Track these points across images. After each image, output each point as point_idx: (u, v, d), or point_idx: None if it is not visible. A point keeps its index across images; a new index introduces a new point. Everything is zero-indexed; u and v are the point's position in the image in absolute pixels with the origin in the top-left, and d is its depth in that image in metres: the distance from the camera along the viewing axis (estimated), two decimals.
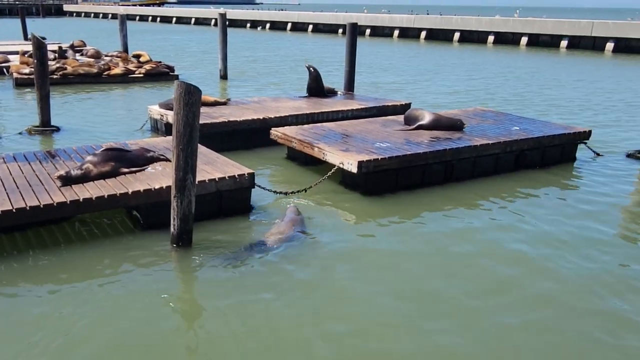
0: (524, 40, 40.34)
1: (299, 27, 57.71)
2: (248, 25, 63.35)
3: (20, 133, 12.26)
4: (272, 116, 11.73)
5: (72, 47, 25.75)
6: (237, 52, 31.71)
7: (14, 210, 6.32)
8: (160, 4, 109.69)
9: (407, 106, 13.41)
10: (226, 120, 11.24)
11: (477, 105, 15.24)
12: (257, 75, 23.45)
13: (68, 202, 6.58)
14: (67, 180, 7.06)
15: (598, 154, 11.21)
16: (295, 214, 7.51)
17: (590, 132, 10.96)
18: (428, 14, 57.25)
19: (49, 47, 15.96)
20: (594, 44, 37.16)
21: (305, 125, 11.06)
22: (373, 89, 19.23)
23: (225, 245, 6.78)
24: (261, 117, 11.61)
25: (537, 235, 7.35)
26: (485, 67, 27.29)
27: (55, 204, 6.52)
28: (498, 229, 7.54)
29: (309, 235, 7.14)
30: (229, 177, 7.54)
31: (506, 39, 41.70)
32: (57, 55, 22.10)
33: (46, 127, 12.61)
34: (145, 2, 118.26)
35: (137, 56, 23.33)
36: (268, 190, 8.27)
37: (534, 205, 8.45)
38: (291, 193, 8.45)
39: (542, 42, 39.67)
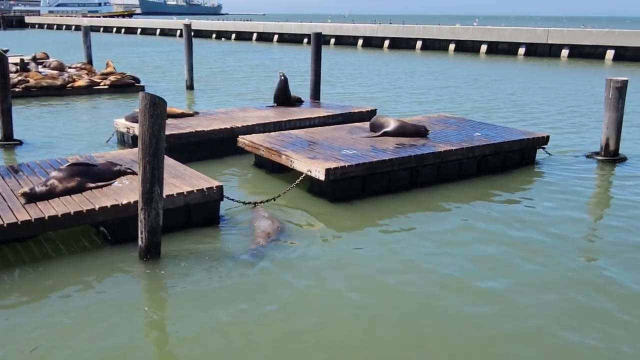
0: (484, 47, 41.16)
1: (264, 37, 57.77)
2: (214, 35, 63.11)
3: None
4: (240, 125, 11.79)
5: (34, 59, 25.33)
6: (203, 63, 31.61)
7: None
8: (129, 16, 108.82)
9: (373, 113, 13.61)
10: (193, 131, 11.24)
11: (441, 111, 15.53)
12: (224, 85, 23.43)
13: (33, 221, 6.49)
14: (32, 198, 6.95)
15: (550, 154, 11.57)
16: (270, 222, 7.57)
17: (548, 137, 11.30)
18: (391, 23, 57.94)
19: (11, 60, 15.72)
20: (550, 51, 38.19)
21: (273, 133, 11.15)
22: (339, 97, 19.41)
23: (194, 257, 6.79)
24: (229, 127, 11.65)
25: (498, 237, 7.56)
26: (447, 75, 27.79)
27: (19, 223, 6.42)
28: (462, 232, 7.72)
29: (281, 244, 7.22)
30: (197, 190, 7.54)
31: (467, 47, 42.49)
32: (19, 68, 21.72)
33: (8, 141, 12.41)
34: (115, 13, 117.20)
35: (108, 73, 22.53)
36: (237, 201, 8.30)
37: (496, 209, 8.68)
38: (260, 203, 8.51)
39: (501, 49, 40.55)
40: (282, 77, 14.42)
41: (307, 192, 9.13)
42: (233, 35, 60.96)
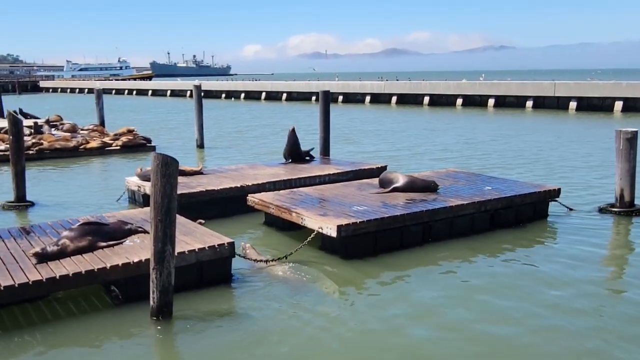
0: (491, 101, 41.67)
1: (273, 96, 58.87)
2: (223, 95, 64.43)
3: None
4: (250, 183, 11.83)
5: (47, 122, 25.84)
6: (213, 122, 32.09)
7: None
8: (149, 78, 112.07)
9: (383, 169, 13.63)
10: (204, 190, 11.28)
11: (449, 166, 15.56)
12: (234, 143, 23.70)
13: (44, 280, 6.46)
14: (43, 258, 6.94)
15: (571, 209, 11.46)
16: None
17: (559, 189, 11.22)
18: (397, 80, 58.94)
19: (25, 123, 16.02)
20: (557, 103, 38.54)
21: (282, 191, 11.16)
22: (349, 154, 19.54)
23: (207, 317, 6.69)
24: (239, 185, 11.69)
25: (515, 293, 7.39)
26: (456, 130, 27.99)
27: (30, 283, 6.39)
28: (477, 288, 7.57)
29: (295, 303, 7.11)
30: (208, 247, 7.51)
31: (474, 101, 43.03)
32: (32, 130, 22.15)
33: (21, 202, 12.50)
34: (136, 76, 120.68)
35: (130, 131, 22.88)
36: (249, 259, 8.24)
37: (511, 265, 8.53)
38: (272, 261, 8.43)
39: (509, 103, 41.04)
40: (292, 132, 14.54)
41: (319, 249, 9.05)
42: (242, 95, 62.21)
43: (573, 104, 37.46)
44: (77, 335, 6.26)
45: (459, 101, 43.60)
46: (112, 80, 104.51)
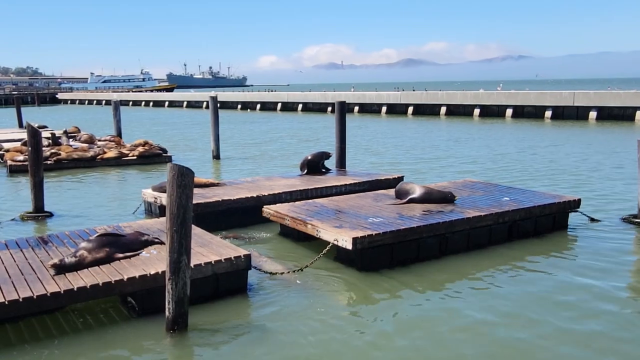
0: (509, 112, 41.36)
1: (288, 106, 59.02)
2: (239, 106, 64.75)
3: (13, 219, 12.24)
4: (266, 194, 11.82)
5: (65, 133, 26.13)
6: (229, 133, 32.23)
7: (6, 303, 6.19)
8: (171, 89, 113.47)
9: (400, 180, 13.54)
10: (220, 200, 11.29)
11: (466, 176, 15.43)
12: (250, 154, 23.76)
13: (62, 292, 6.47)
14: (61, 269, 6.97)
15: (592, 219, 11.28)
16: None
17: (579, 200, 11.05)
18: (414, 90, 58.84)
19: (43, 134, 16.19)
20: (577, 113, 38.12)
21: (297, 202, 11.13)
22: (365, 164, 19.48)
23: (222, 329, 6.66)
24: (255, 196, 11.69)
25: (535, 308, 7.26)
26: (473, 140, 27.81)
27: (48, 295, 6.41)
28: (495, 301, 7.45)
29: (310, 315, 7.05)
30: (224, 259, 7.49)
31: (491, 112, 42.75)
32: (50, 142, 22.39)
33: (39, 212, 12.61)
34: (159, 87, 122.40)
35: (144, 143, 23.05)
36: (264, 271, 8.19)
37: (531, 277, 8.39)
38: (287, 273, 8.39)
39: (527, 113, 40.68)
40: (322, 153, 14.90)
41: (334, 260, 8.99)
42: (258, 106, 62.47)
43: (593, 114, 37.04)
44: (93, 347, 6.25)
45: (476, 111, 43.34)
46: (135, 91, 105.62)
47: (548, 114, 39.18)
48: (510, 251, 9.56)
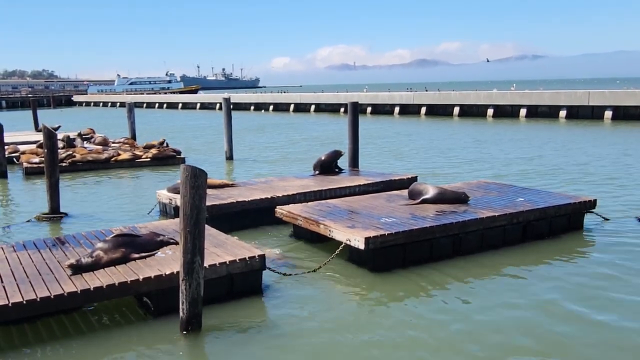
0: (523, 111, 41.08)
1: (301, 107, 59.10)
2: (252, 108, 64.96)
3: (29, 221, 12.39)
4: (280, 195, 11.86)
5: (80, 135, 26.39)
6: (242, 135, 32.35)
7: (24, 302, 6.28)
8: (196, 91, 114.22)
9: (413, 180, 13.51)
10: (234, 201, 11.35)
11: (480, 177, 15.37)
12: (263, 155, 23.84)
13: (79, 292, 6.55)
14: (78, 269, 7.05)
15: (606, 219, 11.20)
16: None
17: (595, 201, 10.96)
18: (427, 90, 58.67)
19: (57, 136, 16.36)
20: (592, 113, 37.76)
21: (310, 203, 11.16)
22: (378, 164, 19.47)
23: (236, 330, 6.70)
24: (269, 197, 11.73)
25: (550, 308, 7.23)
26: (487, 140, 27.68)
27: (65, 294, 6.49)
28: (510, 302, 7.43)
29: (324, 316, 7.08)
30: (239, 259, 7.53)
31: (505, 112, 42.48)
32: (65, 143, 22.63)
33: (55, 214, 12.75)
34: (184, 89, 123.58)
35: (161, 143, 23.35)
36: (278, 272, 8.23)
37: (546, 279, 8.33)
38: (301, 274, 8.42)
39: (541, 113, 40.37)
40: (335, 151, 14.90)
41: (347, 261, 9.01)
42: (271, 107, 62.62)
43: (608, 113, 36.65)
44: (109, 347, 6.32)
45: (490, 112, 43.09)
46: (162, 93, 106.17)
47: (562, 113, 38.85)
48: (524, 252, 9.52)
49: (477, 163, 20.23)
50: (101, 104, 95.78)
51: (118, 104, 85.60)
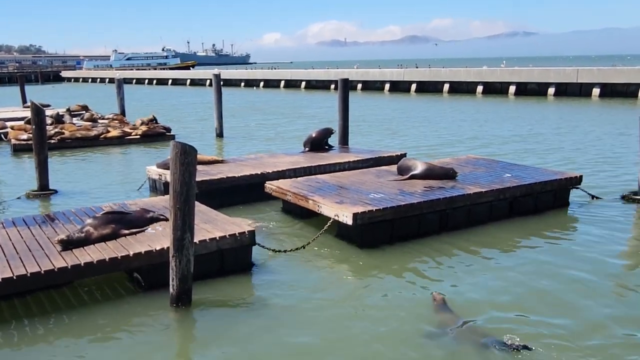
0: (512, 89, 41.14)
1: (292, 84, 58.84)
2: (242, 84, 64.58)
3: (18, 198, 12.37)
4: (270, 171, 11.91)
5: (69, 111, 26.20)
6: (232, 111, 32.22)
7: (14, 278, 6.34)
8: (193, 67, 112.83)
9: (402, 157, 13.57)
10: (224, 177, 11.39)
11: (469, 153, 15.47)
12: (253, 132, 23.81)
13: (69, 267, 6.61)
14: (68, 244, 7.10)
15: (593, 197, 11.36)
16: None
17: (581, 177, 11.11)
18: (417, 67, 58.52)
19: (47, 113, 16.26)
20: (580, 90, 37.91)
21: (300, 178, 11.22)
22: (367, 141, 19.51)
23: (225, 304, 6.80)
24: (259, 173, 11.78)
25: (532, 282, 7.38)
26: (476, 117, 27.77)
27: (56, 270, 6.55)
28: (495, 277, 7.57)
29: (311, 291, 7.19)
30: (229, 235, 7.60)
31: (495, 89, 42.52)
32: (54, 120, 22.46)
33: (44, 190, 12.74)
34: (181, 65, 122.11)
35: (151, 120, 23.12)
36: (267, 248, 8.31)
37: (530, 253, 8.50)
38: (290, 251, 8.50)
39: (530, 90, 40.46)
40: (326, 129, 14.92)
41: (335, 237, 9.10)
42: (261, 84, 62.29)
43: (596, 91, 36.81)
44: (100, 321, 6.40)
45: (479, 88, 43.11)
46: (160, 69, 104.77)
47: (551, 90, 38.96)
48: (510, 227, 9.66)
49: (466, 139, 20.33)
50: (90, 79, 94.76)
51: (107, 79, 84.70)
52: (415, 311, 6.60)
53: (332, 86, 51.96)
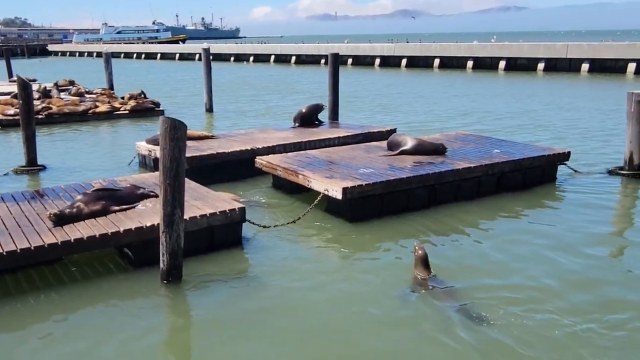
0: (502, 64, 41.09)
1: (282, 59, 58.42)
2: (232, 59, 64.02)
3: (6, 174, 12.30)
4: (260, 146, 11.90)
5: (56, 86, 25.91)
6: (222, 86, 32.01)
7: (4, 254, 6.34)
8: (183, 41, 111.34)
9: (393, 132, 13.61)
10: (214, 153, 11.38)
11: (459, 129, 15.52)
12: (243, 107, 23.69)
13: (59, 243, 6.62)
14: (60, 219, 7.08)
15: (576, 171, 11.47)
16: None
17: (569, 153, 11.20)
18: (408, 42, 58.22)
19: (33, 87, 16.08)
20: (569, 66, 37.94)
21: (290, 153, 11.23)
22: (357, 117, 19.50)
23: (216, 280, 6.84)
24: (249, 148, 11.77)
25: (518, 255, 7.49)
26: (466, 92, 27.78)
27: (46, 246, 6.56)
28: (482, 251, 7.67)
29: (300, 265, 7.27)
30: (219, 212, 7.62)
31: (485, 64, 42.45)
32: (41, 95, 22.23)
33: (33, 166, 12.67)
34: (173, 39, 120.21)
35: (139, 94, 23.01)
36: (257, 225, 8.34)
37: (517, 226, 8.62)
38: (280, 225, 8.55)
39: (520, 65, 40.44)
40: (317, 105, 14.90)
41: (325, 211, 9.16)
42: (251, 58, 61.83)
43: (585, 66, 36.87)
44: (90, 297, 6.44)
45: (470, 64, 43.03)
46: (150, 43, 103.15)
47: (541, 66, 38.98)
48: (497, 202, 9.76)
49: (456, 115, 20.37)
50: (77, 54, 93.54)
51: (95, 54, 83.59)
52: (404, 285, 6.67)
53: (323, 61, 51.65)
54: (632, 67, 34.97)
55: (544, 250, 7.61)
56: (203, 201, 8.03)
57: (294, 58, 56.86)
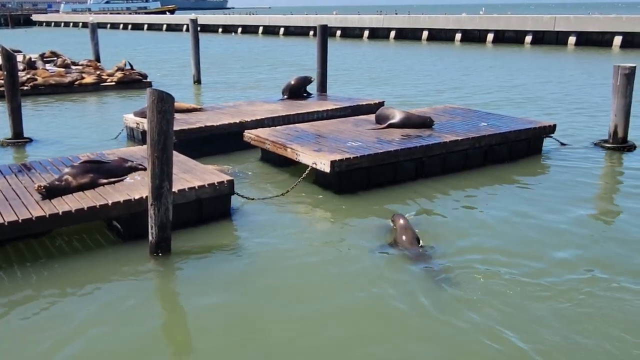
0: (490, 37, 40.95)
1: (270, 30, 57.83)
2: (220, 30, 63.24)
3: None
4: (248, 119, 11.87)
5: (41, 57, 25.52)
6: (210, 58, 31.69)
7: None
8: (172, 12, 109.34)
9: (381, 105, 13.60)
10: (203, 126, 11.35)
11: (447, 102, 15.54)
12: (231, 79, 23.52)
13: (47, 216, 6.62)
14: (48, 192, 7.07)
15: (563, 144, 11.60)
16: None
17: (554, 125, 11.30)
18: (397, 13, 57.76)
19: (18, 58, 15.84)
20: (557, 39, 37.90)
21: (279, 127, 11.23)
22: (346, 89, 19.45)
23: (204, 252, 6.90)
24: (237, 121, 11.74)
25: (505, 226, 7.62)
26: (454, 65, 27.73)
27: (34, 219, 6.56)
28: (468, 222, 7.77)
29: (288, 236, 7.36)
30: (208, 184, 7.64)
31: (473, 36, 42.27)
32: (26, 66, 21.91)
33: (19, 138, 12.58)
34: (162, 9, 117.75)
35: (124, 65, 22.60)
36: (246, 197, 8.38)
37: (503, 197, 8.75)
38: (269, 198, 8.60)
39: (508, 38, 40.33)
40: (305, 77, 14.87)
41: (313, 184, 9.22)
42: (239, 30, 61.12)
43: (572, 39, 36.84)
44: (79, 270, 6.47)
45: (458, 36, 42.82)
46: (139, 13, 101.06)
47: (528, 39, 38.90)
48: (484, 174, 9.87)
49: (445, 88, 20.37)
50: (62, 24, 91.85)
51: (80, 24, 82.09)
52: (393, 254, 6.77)
53: (311, 33, 51.15)
54: (618, 40, 34.94)
55: (530, 215, 7.89)
56: (191, 174, 8.04)
57: (282, 29, 56.32)
